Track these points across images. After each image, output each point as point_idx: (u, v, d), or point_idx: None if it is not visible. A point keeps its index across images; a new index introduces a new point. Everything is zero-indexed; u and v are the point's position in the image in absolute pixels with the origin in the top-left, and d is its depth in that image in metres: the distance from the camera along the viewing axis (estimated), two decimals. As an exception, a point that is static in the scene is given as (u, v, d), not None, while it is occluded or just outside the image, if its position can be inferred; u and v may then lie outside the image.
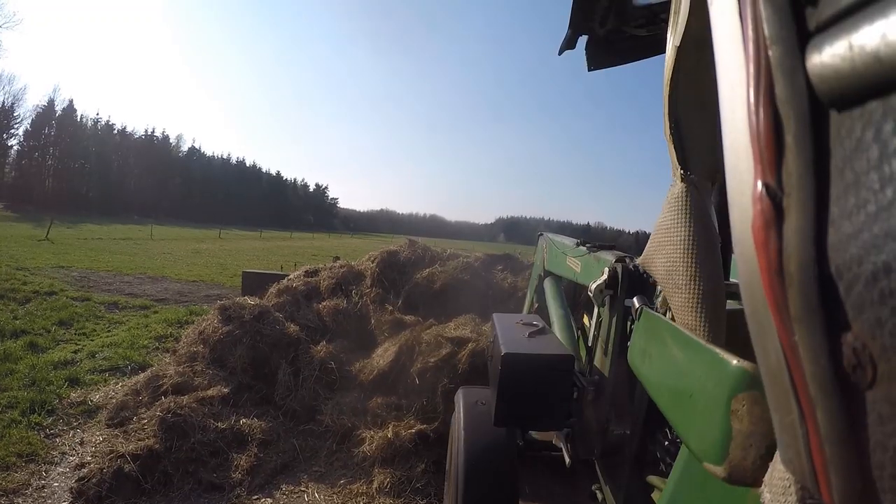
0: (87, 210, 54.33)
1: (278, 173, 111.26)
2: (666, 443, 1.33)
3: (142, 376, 4.23)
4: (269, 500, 3.04)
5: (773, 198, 0.28)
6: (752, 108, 0.29)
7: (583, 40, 2.06)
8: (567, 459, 1.78)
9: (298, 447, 3.50)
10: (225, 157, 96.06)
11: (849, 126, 0.25)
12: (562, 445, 1.84)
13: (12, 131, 58.85)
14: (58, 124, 64.39)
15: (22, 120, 60.21)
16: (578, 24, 1.94)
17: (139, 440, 3.19)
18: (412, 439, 3.31)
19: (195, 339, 4.39)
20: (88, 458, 3.30)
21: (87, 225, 33.12)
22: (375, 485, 3.11)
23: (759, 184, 0.29)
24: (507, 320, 1.96)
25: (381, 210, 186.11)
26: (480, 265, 5.29)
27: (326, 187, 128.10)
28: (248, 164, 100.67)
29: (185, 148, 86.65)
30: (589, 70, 2.22)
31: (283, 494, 3.10)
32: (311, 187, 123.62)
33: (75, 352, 5.50)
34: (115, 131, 73.48)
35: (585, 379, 1.68)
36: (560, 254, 2.52)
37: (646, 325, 1.10)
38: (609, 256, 1.68)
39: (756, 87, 0.29)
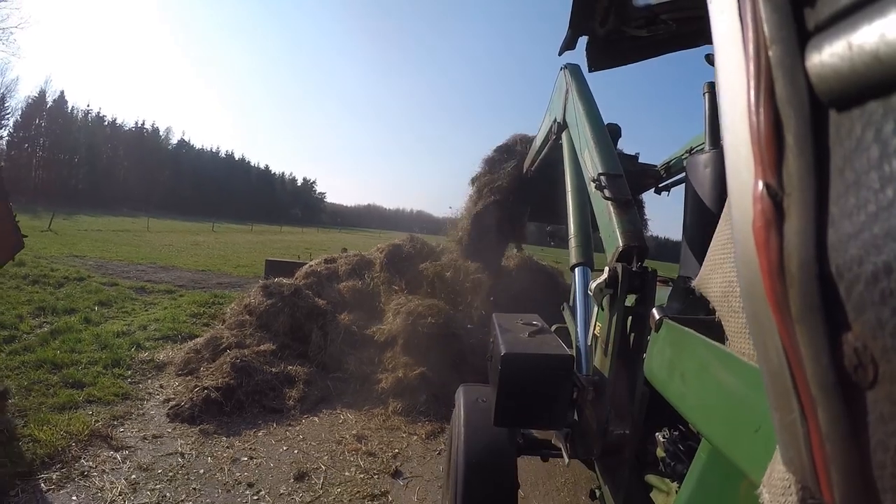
0: (77, 201, 53.54)
1: (267, 167, 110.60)
2: (666, 443, 1.33)
3: (200, 339, 5.27)
4: (316, 419, 4.18)
5: (774, 197, 0.28)
6: (753, 107, 0.29)
7: (583, 41, 2.09)
8: (566, 459, 1.78)
9: (331, 387, 4.69)
10: (214, 150, 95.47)
11: (849, 126, 0.25)
12: (561, 445, 1.82)
13: (3, 122, 57.29)
14: (48, 115, 63.23)
15: (12, 111, 58.67)
16: (579, 25, 1.96)
17: (216, 378, 4.29)
18: (416, 378, 4.54)
19: (241, 311, 5.53)
20: (172, 395, 4.28)
21: (82, 216, 33.04)
22: (390, 409, 4.36)
23: (760, 184, 0.29)
24: (507, 320, 1.93)
25: (369, 205, 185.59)
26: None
27: (314, 182, 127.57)
28: (237, 158, 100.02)
29: (174, 140, 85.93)
30: (590, 70, 2.23)
31: (325, 415, 4.27)
32: (299, 181, 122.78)
33: (127, 325, 6.35)
34: (106, 123, 72.64)
35: (585, 378, 1.66)
36: (580, 131, 2.27)
37: (671, 339, 1.07)
38: (619, 235, 1.61)
39: (756, 87, 0.28)
